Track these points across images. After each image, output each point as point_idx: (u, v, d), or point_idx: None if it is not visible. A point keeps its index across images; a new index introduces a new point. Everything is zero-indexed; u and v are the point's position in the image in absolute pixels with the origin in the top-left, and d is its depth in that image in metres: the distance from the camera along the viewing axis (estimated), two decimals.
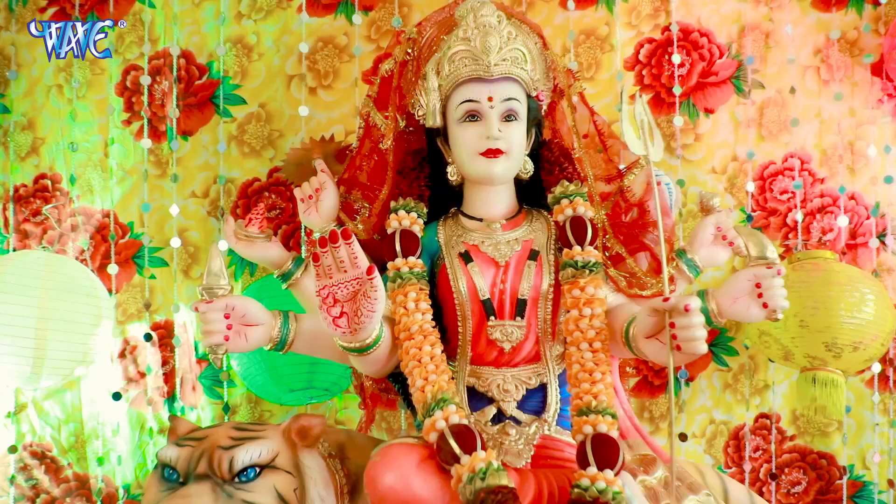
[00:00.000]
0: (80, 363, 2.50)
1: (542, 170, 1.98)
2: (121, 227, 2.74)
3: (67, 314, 2.43)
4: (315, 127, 2.66)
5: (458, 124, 1.88)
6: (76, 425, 2.76)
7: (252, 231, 1.94)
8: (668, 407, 1.64)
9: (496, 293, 1.85)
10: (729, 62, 2.76)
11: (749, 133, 2.75)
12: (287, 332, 1.75)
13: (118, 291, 2.71)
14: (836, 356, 2.44)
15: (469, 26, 1.86)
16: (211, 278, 1.68)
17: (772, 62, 2.78)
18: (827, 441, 2.78)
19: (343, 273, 1.55)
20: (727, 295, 1.77)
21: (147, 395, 2.74)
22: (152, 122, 2.71)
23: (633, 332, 1.67)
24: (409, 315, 1.78)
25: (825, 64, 2.77)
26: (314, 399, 2.50)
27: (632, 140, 1.70)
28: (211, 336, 1.65)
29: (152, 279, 2.73)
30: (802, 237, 2.74)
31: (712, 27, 2.77)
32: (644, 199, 1.98)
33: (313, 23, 2.70)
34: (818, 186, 2.77)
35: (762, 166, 2.77)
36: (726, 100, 2.77)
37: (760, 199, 2.77)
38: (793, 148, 2.76)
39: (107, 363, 2.71)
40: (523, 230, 1.92)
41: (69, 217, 2.73)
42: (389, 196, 1.96)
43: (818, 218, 2.76)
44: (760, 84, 2.76)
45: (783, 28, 2.76)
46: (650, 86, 2.76)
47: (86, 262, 2.70)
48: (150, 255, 2.71)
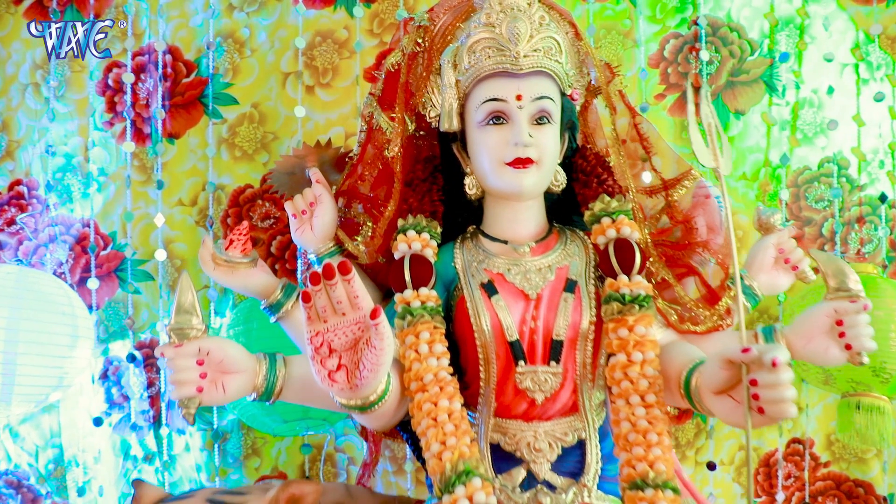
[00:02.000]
0: (54, 388, 2.20)
1: (577, 181, 1.58)
2: (102, 238, 2.43)
3: (40, 335, 2.14)
4: (312, 129, 2.36)
5: (479, 128, 1.47)
6: (55, 452, 2.46)
7: (234, 255, 1.52)
8: (747, 492, 1.23)
9: (526, 333, 1.44)
10: (761, 59, 2.45)
11: (782, 136, 2.44)
12: (274, 380, 1.35)
13: (99, 307, 2.41)
14: (884, 382, 2.12)
15: (493, 10, 1.45)
16: (181, 316, 1.30)
17: (807, 59, 2.45)
18: (864, 468, 2.46)
19: (341, 316, 1.16)
20: (801, 333, 1.40)
21: (131, 420, 2.41)
22: (136, 124, 2.41)
23: (697, 383, 1.28)
24: (422, 361, 1.38)
25: (865, 61, 2.45)
26: (311, 430, 2.13)
27: (700, 149, 1.29)
28: (181, 387, 1.28)
29: (136, 294, 2.42)
30: (840, 249, 2.41)
31: (743, 21, 2.45)
32: (692, 215, 1.57)
33: (311, 16, 2.39)
34: (857, 194, 2.46)
35: (797, 172, 2.45)
36: (758, 100, 2.44)
37: (794, 207, 2.45)
38: (830, 152, 2.45)
39: (87, 385, 2.41)
40: (556, 255, 1.51)
41: (46, 227, 2.43)
42: (397, 213, 1.55)
43: (856, 228, 2.45)
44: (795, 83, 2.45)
45: (819, 22, 2.45)
46: (676, 85, 2.44)
47: (64, 275, 2.41)
48: (134, 268, 2.40)
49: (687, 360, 1.35)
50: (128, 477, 2.41)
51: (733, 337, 1.50)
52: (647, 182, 1.64)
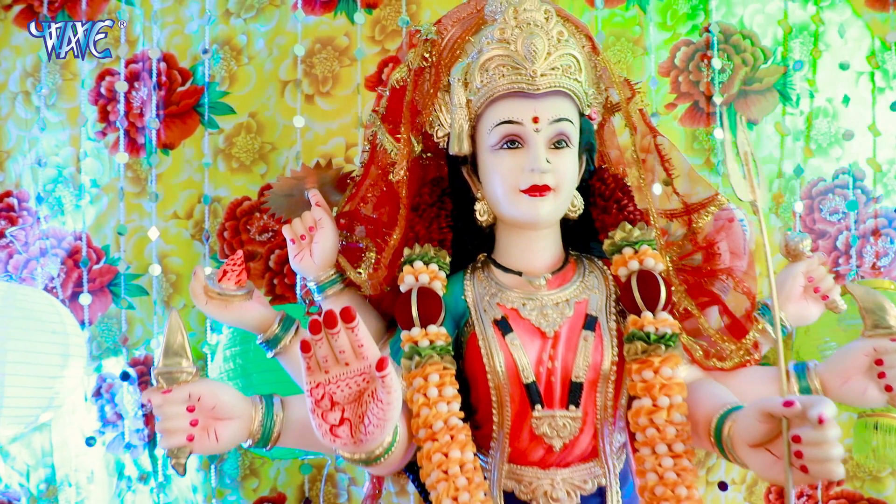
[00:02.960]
0: (44, 409, 2.08)
1: (594, 206, 1.44)
2: (95, 252, 2.30)
3: (29, 354, 2.01)
4: (312, 139, 2.22)
5: (492, 152, 1.34)
6: (47, 471, 2.32)
7: (228, 287, 1.38)
8: None
9: (543, 374, 1.31)
10: (774, 67, 2.31)
11: (796, 147, 2.31)
12: (271, 426, 1.23)
13: (92, 323, 2.27)
14: None
15: (508, 24, 1.31)
16: (169, 359, 1.17)
17: (822, 68, 2.32)
18: (879, 486, 2.35)
19: (344, 367, 1.03)
20: (837, 372, 1.28)
21: (125, 439, 2.28)
22: (129, 134, 2.27)
23: (731, 433, 1.15)
24: (431, 406, 1.25)
25: (881, 69, 2.33)
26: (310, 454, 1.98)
27: (737, 181, 1.15)
28: (170, 437, 1.16)
29: (130, 310, 2.28)
30: (855, 263, 2.30)
31: (756, 28, 2.31)
32: (714, 240, 1.43)
33: (310, 22, 2.25)
34: (872, 206, 2.33)
35: (811, 184, 2.33)
36: (771, 109, 2.31)
37: (808, 219, 2.33)
38: (845, 163, 2.32)
39: (80, 403, 2.28)
40: (574, 288, 1.38)
41: (37, 240, 2.30)
42: (402, 241, 1.41)
43: (871, 241, 2.33)
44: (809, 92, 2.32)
45: (834, 29, 2.32)
46: (687, 94, 2.30)
47: (55, 290, 2.28)
48: (128, 282, 2.27)
49: (717, 404, 1.22)
50: (122, 498, 2.28)
51: (762, 374, 1.37)
52: (657, 194, 1.50)
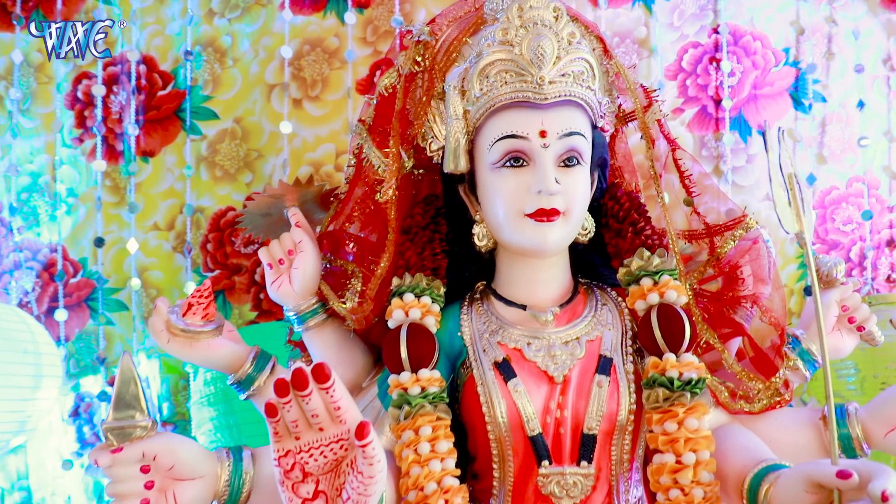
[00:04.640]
0: (15, 433, 1.93)
1: (607, 228, 1.24)
2: (71, 265, 2.17)
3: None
4: (300, 146, 2.09)
5: (492, 170, 1.14)
6: (22, 495, 2.17)
7: (193, 323, 1.18)
8: None
9: (550, 425, 1.11)
10: (786, 70, 2.15)
11: (808, 153, 2.14)
12: (240, 484, 1.04)
13: (69, 340, 2.13)
14: None
15: (512, 24, 1.11)
16: (120, 412, 0.99)
17: (835, 71, 2.16)
18: None
19: (318, 432, 0.83)
20: (882, 419, 1.10)
21: None
22: (108, 141, 2.15)
23: (768, 497, 0.95)
24: (423, 465, 1.05)
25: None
26: None
27: (783, 210, 0.95)
28: (121, 501, 0.97)
29: (109, 325, 2.14)
30: (870, 275, 2.15)
31: (767, 29, 2.14)
32: (738, 263, 1.24)
33: (298, 22, 2.10)
34: (887, 216, 2.18)
35: (823, 192, 2.17)
36: (783, 114, 2.15)
37: (821, 230, 2.17)
38: (859, 171, 2.17)
39: (56, 424, 2.13)
40: (586, 324, 1.18)
41: (10, 252, 2.18)
42: (391, 269, 1.21)
43: (886, 252, 2.17)
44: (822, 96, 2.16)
45: (848, 31, 2.16)
46: (695, 98, 2.12)
47: (30, 305, 2.13)
48: (106, 297, 2.14)
49: (750, 459, 1.03)
50: None
51: (794, 417, 1.19)
52: (667, 201, 1.30)
